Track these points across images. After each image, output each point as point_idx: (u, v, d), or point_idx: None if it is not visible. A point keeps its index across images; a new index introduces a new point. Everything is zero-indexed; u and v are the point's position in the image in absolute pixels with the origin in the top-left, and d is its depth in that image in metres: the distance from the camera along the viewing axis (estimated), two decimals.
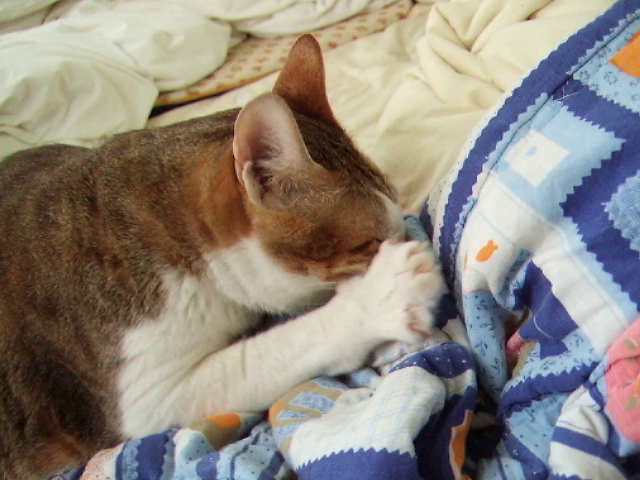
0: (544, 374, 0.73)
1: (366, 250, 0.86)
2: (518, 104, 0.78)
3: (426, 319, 0.79)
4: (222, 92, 2.02)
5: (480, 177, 0.80)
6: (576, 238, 0.68)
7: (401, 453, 0.64)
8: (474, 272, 0.78)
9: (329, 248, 0.83)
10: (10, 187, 0.96)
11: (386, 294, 0.81)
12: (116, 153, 0.89)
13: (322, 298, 0.89)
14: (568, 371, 0.70)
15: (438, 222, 0.89)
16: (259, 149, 0.78)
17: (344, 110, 1.71)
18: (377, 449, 0.65)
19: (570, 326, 0.70)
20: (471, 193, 0.81)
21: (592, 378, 0.68)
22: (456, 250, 0.85)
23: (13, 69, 1.70)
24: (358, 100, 1.79)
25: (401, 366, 0.77)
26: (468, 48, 1.41)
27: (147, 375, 0.86)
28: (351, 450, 0.67)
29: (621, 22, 0.77)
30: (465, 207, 0.82)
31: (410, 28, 2.14)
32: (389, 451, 0.64)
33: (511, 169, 0.76)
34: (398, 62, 1.94)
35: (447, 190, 0.86)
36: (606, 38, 0.77)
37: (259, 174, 0.79)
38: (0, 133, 1.65)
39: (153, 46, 1.98)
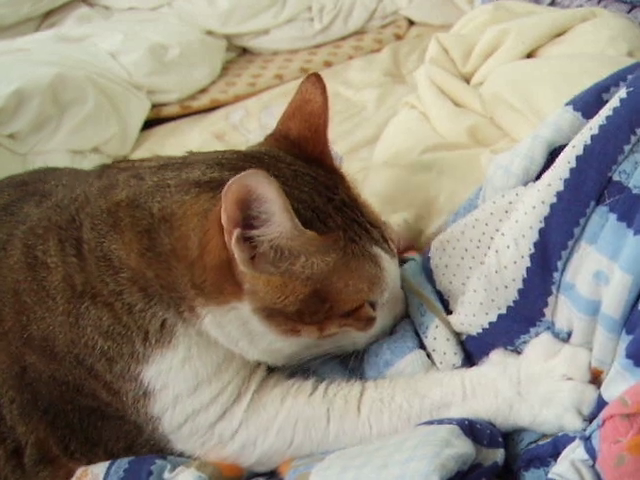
0: (571, 434, 0.75)
1: (357, 315, 0.85)
2: (569, 215, 0.75)
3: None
4: (215, 107, 2.01)
5: (551, 300, 0.79)
6: (623, 354, 0.70)
7: None
8: None
9: (321, 313, 0.82)
10: None
11: (554, 390, 0.78)
12: (103, 193, 0.86)
13: (314, 353, 0.88)
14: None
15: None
16: (248, 218, 0.76)
17: (337, 132, 1.71)
18: None
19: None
20: (543, 315, 0.81)
21: (588, 431, 0.69)
22: None
23: (5, 79, 1.69)
24: (352, 122, 1.79)
25: (439, 422, 0.78)
26: (467, 80, 1.41)
27: (184, 402, 0.84)
28: None
29: None
30: (538, 330, 0.83)
31: (406, 49, 2.14)
32: None
33: (582, 296, 0.76)
34: (393, 84, 1.94)
35: (502, 303, 0.85)
36: (639, 131, 0.74)
37: (249, 240, 0.77)
38: None
39: (148, 58, 1.97)
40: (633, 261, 0.69)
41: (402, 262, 1.00)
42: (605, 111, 0.77)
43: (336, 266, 0.81)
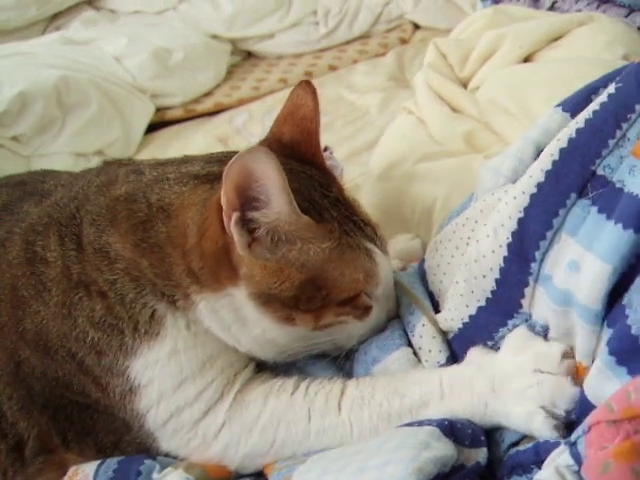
0: (552, 440, 0.74)
1: (354, 303, 0.85)
2: (548, 206, 0.75)
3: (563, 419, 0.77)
4: (219, 111, 2.02)
5: (527, 291, 0.79)
6: (605, 350, 0.69)
7: None
8: None
9: (317, 300, 0.82)
10: None
11: (525, 385, 0.77)
12: (102, 190, 0.88)
13: (308, 347, 0.88)
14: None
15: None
16: (247, 200, 0.78)
17: (340, 135, 1.71)
18: None
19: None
20: (521, 307, 0.80)
21: (573, 437, 0.68)
22: None
23: (10, 81, 1.70)
24: (354, 126, 1.80)
25: (419, 424, 0.78)
26: (464, 85, 1.41)
27: (169, 398, 0.84)
28: None
29: (638, 107, 0.73)
30: (516, 322, 0.82)
31: (411, 53, 2.15)
32: None
33: (556, 287, 0.75)
34: (397, 88, 1.94)
35: (481, 294, 0.84)
36: (625, 126, 0.72)
37: (246, 224, 0.79)
38: None
39: (152, 62, 1.98)
40: (613, 249, 0.68)
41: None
42: (593, 106, 0.76)
43: (331, 255, 0.82)
